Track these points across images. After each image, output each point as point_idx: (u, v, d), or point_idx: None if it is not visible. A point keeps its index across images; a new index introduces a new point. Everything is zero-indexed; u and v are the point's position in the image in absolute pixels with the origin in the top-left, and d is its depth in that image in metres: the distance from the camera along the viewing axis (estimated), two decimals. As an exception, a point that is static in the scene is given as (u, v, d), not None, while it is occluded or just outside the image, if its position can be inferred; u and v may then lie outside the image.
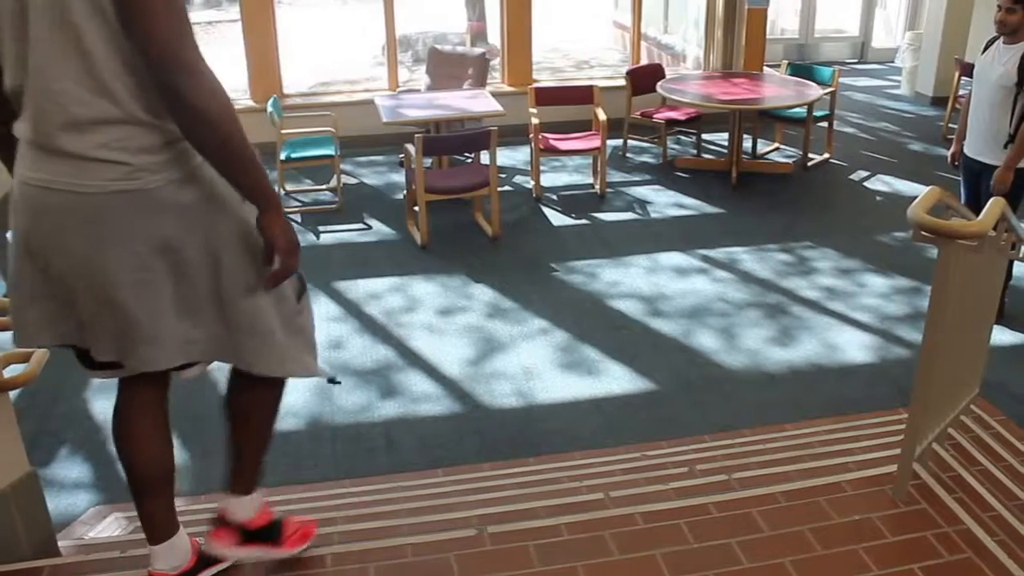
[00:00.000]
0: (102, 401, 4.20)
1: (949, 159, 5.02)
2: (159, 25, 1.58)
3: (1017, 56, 4.38)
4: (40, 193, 1.73)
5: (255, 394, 2.11)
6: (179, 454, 3.87)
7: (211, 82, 1.64)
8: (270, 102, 6.65)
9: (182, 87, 1.60)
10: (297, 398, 4.20)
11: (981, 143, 4.64)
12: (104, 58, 1.63)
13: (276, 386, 2.13)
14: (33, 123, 1.71)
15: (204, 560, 2.22)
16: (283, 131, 6.56)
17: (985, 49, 4.65)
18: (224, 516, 2.20)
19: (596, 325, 4.92)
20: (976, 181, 4.73)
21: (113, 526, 3.21)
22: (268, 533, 2.25)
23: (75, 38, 1.62)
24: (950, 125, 8.18)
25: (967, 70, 6.78)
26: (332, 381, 2.26)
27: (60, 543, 2.72)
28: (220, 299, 1.87)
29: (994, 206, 2.76)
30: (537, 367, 4.46)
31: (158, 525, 2.14)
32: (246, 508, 2.21)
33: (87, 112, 1.67)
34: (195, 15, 18.39)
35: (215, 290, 1.86)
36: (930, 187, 2.67)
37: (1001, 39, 4.51)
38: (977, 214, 2.72)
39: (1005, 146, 4.49)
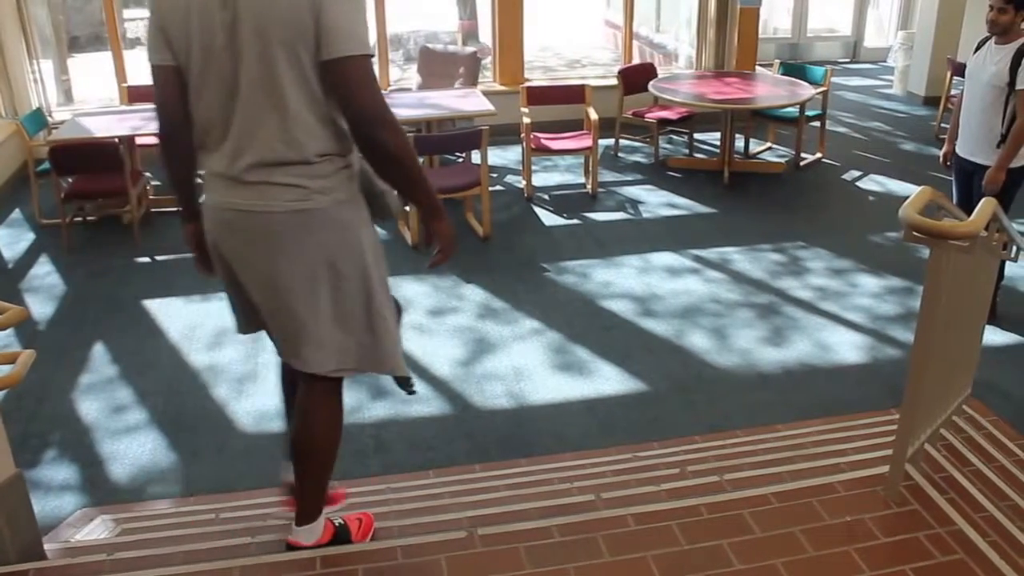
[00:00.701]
0: (89, 402, 4.17)
1: (941, 159, 5.02)
2: (367, 96, 1.96)
3: (1009, 56, 4.38)
4: (231, 215, 2.11)
5: (318, 432, 2.34)
6: (168, 456, 3.87)
7: (400, 130, 2.02)
8: (261, 101, 6.61)
9: (382, 139, 1.99)
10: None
11: (973, 143, 4.64)
12: (300, 117, 2.01)
13: (339, 425, 2.38)
14: (229, 161, 2.07)
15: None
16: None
17: (977, 49, 4.64)
18: (293, 545, 2.46)
19: (588, 325, 4.90)
20: (968, 181, 4.73)
21: (100, 528, 3.18)
22: (337, 542, 2.50)
23: (281, 102, 1.99)
24: (942, 125, 8.19)
25: (959, 70, 6.79)
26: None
27: (46, 546, 2.69)
28: (369, 308, 2.18)
29: (985, 206, 2.76)
30: (528, 368, 4.44)
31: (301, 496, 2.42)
32: (312, 533, 2.46)
33: (274, 157, 2.04)
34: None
35: (366, 300, 2.18)
36: (922, 187, 2.67)
37: (993, 39, 4.51)
38: (969, 214, 2.72)
39: (997, 146, 4.49)
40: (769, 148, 8.13)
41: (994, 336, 4.65)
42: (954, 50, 9.04)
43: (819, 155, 7.79)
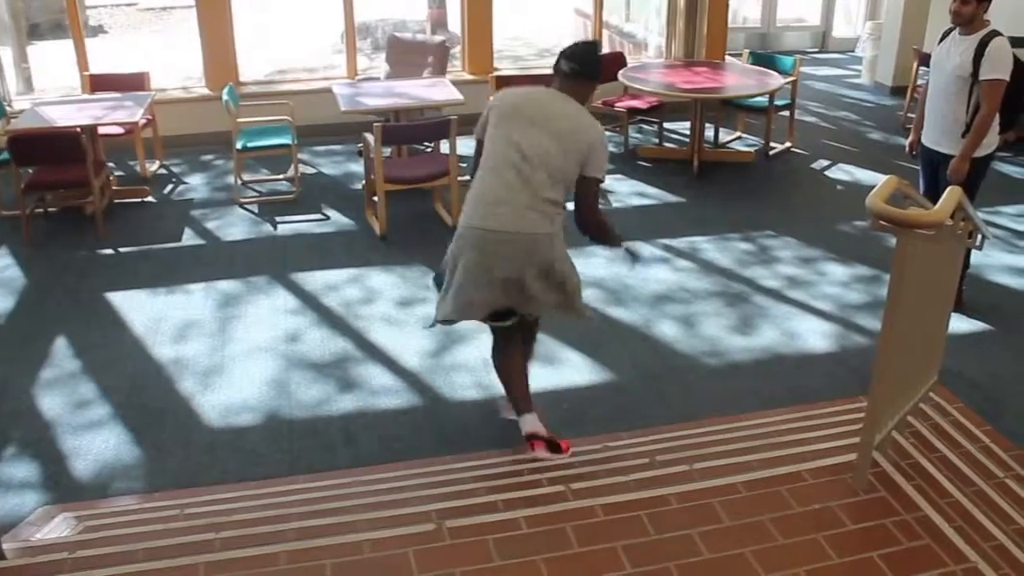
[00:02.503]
0: (50, 398, 4.09)
1: (907, 148, 5.05)
2: (590, 202, 3.39)
3: (972, 47, 4.41)
4: (493, 235, 3.28)
5: (529, 350, 3.76)
6: (131, 452, 3.80)
7: (602, 221, 3.47)
8: (226, 90, 6.52)
9: (589, 223, 3.40)
10: (254, 392, 4.13)
11: (938, 133, 4.68)
12: (546, 195, 3.27)
13: (533, 342, 3.80)
14: (499, 203, 3.27)
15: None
16: (239, 120, 6.44)
17: (941, 40, 4.67)
18: (534, 433, 3.46)
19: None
20: (934, 170, 4.76)
21: (61, 527, 3.13)
22: (556, 446, 3.44)
23: (543, 184, 3.28)
24: (909, 114, 8.26)
25: (926, 60, 6.83)
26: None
27: (5, 545, 2.64)
28: (565, 285, 3.40)
29: (951, 195, 2.77)
30: (498, 358, 4.41)
31: (523, 399, 3.55)
32: (533, 421, 3.49)
33: (523, 209, 3.27)
34: (149, 0, 17.73)
35: (563, 281, 3.39)
36: (888, 176, 2.68)
37: (957, 30, 4.54)
38: (935, 203, 2.73)
39: (962, 135, 4.52)
40: (738, 137, 8.16)
41: (960, 324, 4.70)
42: (921, 40, 9.11)
43: (788, 144, 7.83)
